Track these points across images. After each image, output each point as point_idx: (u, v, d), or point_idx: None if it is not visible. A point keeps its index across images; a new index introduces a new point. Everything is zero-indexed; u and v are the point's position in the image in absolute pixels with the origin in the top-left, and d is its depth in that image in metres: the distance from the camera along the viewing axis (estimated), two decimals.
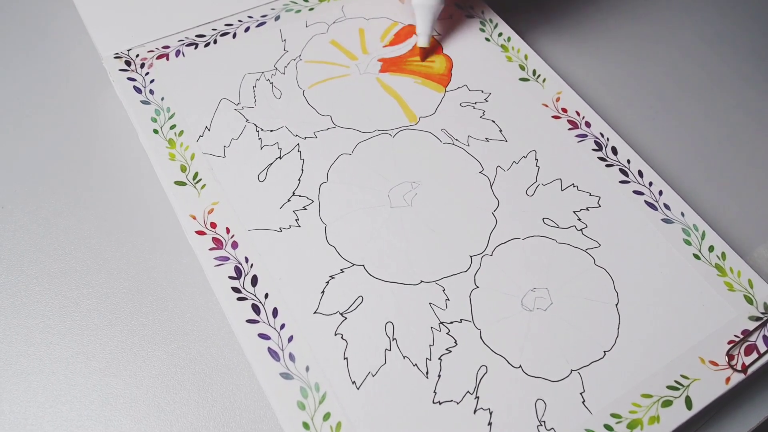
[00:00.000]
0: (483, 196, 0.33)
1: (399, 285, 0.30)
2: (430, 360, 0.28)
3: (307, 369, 0.27)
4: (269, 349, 0.27)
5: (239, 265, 0.30)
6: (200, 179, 0.32)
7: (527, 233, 0.31)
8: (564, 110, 0.36)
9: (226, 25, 0.38)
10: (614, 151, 0.35)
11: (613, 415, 0.27)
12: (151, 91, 0.35)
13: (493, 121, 0.35)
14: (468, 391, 0.27)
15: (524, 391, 0.27)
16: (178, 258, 0.33)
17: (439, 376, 0.27)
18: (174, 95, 0.35)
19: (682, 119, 0.40)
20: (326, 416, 0.26)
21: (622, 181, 0.33)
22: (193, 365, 0.30)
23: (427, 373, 0.27)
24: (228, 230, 0.31)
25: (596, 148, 0.35)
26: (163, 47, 0.37)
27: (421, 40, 0.37)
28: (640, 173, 0.34)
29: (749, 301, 0.30)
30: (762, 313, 0.29)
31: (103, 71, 0.36)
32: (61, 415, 0.29)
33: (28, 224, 0.34)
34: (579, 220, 0.32)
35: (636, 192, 0.33)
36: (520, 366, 0.28)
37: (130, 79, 0.35)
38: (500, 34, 0.40)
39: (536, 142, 0.35)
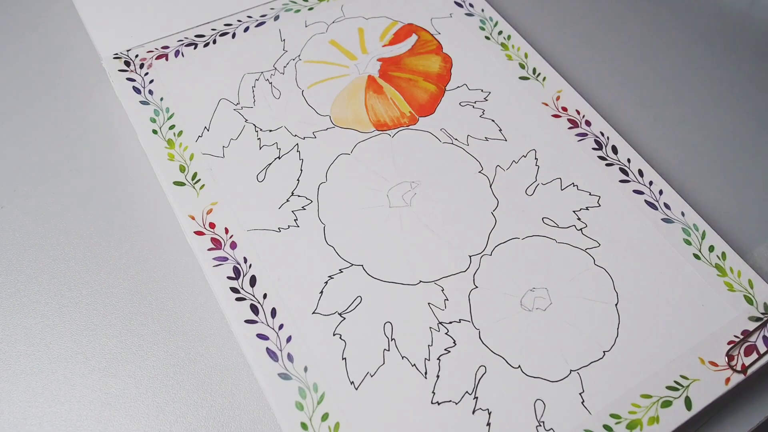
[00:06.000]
0: (482, 195, 0.32)
1: (398, 285, 0.29)
2: (429, 360, 0.28)
3: (306, 369, 0.27)
4: (268, 349, 0.27)
5: (238, 266, 0.29)
6: (199, 179, 0.32)
7: (527, 233, 0.31)
8: (564, 109, 0.36)
9: (226, 25, 0.38)
10: (614, 150, 0.34)
11: (613, 416, 0.27)
12: (151, 92, 0.35)
13: (493, 120, 0.35)
14: (467, 392, 0.27)
15: (523, 391, 0.27)
16: (177, 258, 0.33)
17: (438, 376, 0.27)
18: (173, 95, 0.35)
19: (682, 118, 0.40)
20: (324, 416, 0.26)
21: (622, 181, 0.33)
22: (191, 365, 0.30)
23: (425, 373, 0.27)
24: (227, 230, 0.31)
25: (596, 147, 0.35)
26: (163, 47, 0.37)
27: None
28: (641, 172, 0.34)
29: (749, 301, 0.30)
30: (762, 314, 0.29)
31: (103, 71, 0.37)
32: (60, 415, 0.29)
33: (28, 224, 0.34)
34: (579, 219, 0.32)
35: (636, 191, 0.33)
36: (519, 366, 0.28)
37: (129, 79, 0.35)
38: (500, 33, 0.40)
39: (536, 141, 0.35)
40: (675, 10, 0.46)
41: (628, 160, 0.34)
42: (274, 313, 0.28)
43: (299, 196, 0.32)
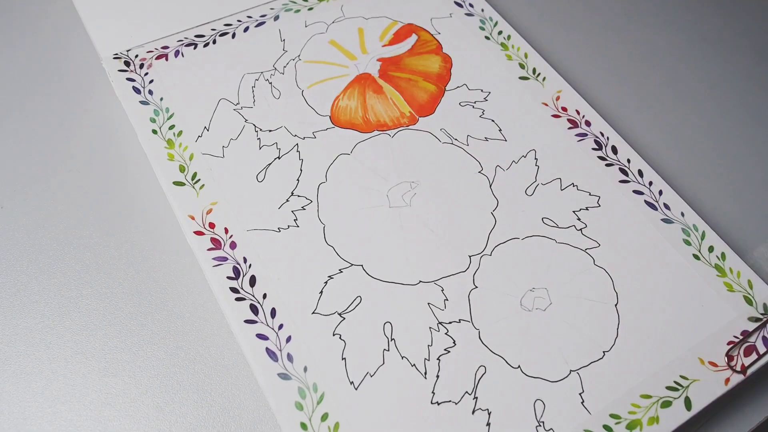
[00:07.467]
0: (482, 195, 0.33)
1: (397, 285, 0.30)
2: (429, 360, 0.28)
3: (305, 369, 0.27)
4: (267, 349, 0.27)
5: (237, 266, 0.30)
6: (199, 179, 0.32)
7: (526, 233, 0.31)
8: (564, 109, 0.36)
9: (226, 25, 0.38)
10: (614, 150, 0.34)
11: (612, 416, 0.27)
12: (150, 92, 0.35)
13: (493, 121, 0.35)
14: (466, 392, 0.27)
15: (523, 391, 0.27)
16: (177, 258, 0.33)
17: (438, 376, 0.27)
18: (173, 95, 0.35)
19: (682, 118, 0.40)
20: (324, 416, 0.26)
21: (621, 181, 0.33)
22: (191, 365, 0.30)
23: (425, 373, 0.27)
24: (226, 230, 0.31)
25: (596, 147, 0.35)
26: (163, 47, 0.37)
27: None
28: (640, 173, 0.34)
29: (749, 301, 0.30)
30: (761, 314, 0.29)
31: (103, 72, 0.37)
32: (60, 415, 0.29)
33: (28, 224, 0.34)
34: (578, 219, 0.32)
35: (636, 191, 0.33)
36: (519, 366, 0.28)
37: (129, 79, 0.35)
38: (500, 33, 0.40)
39: (536, 141, 0.35)
40: (675, 10, 0.46)
41: (628, 161, 0.34)
42: (273, 313, 0.28)
43: (299, 196, 0.32)
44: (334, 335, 0.28)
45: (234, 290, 0.29)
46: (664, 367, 0.28)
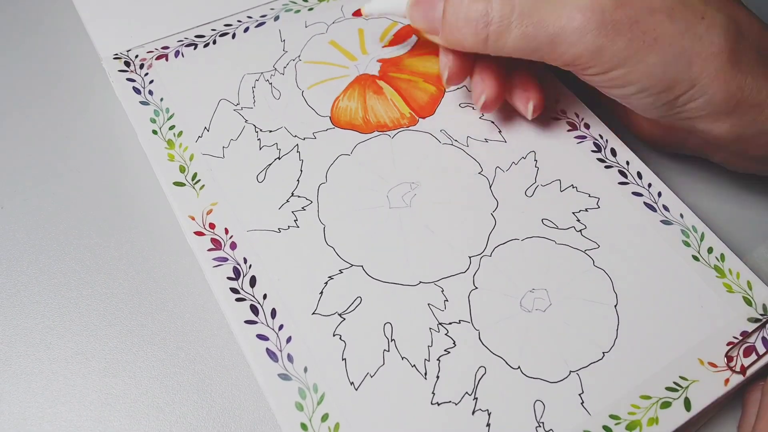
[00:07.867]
0: (482, 196, 0.33)
1: (397, 286, 0.30)
2: (429, 361, 0.28)
3: (306, 370, 0.27)
4: (267, 349, 0.27)
5: (238, 266, 0.30)
6: (199, 180, 0.32)
7: (526, 234, 0.31)
8: (563, 112, 0.36)
9: (226, 25, 0.38)
10: (613, 152, 0.35)
11: (612, 417, 0.27)
12: (150, 92, 0.35)
13: (492, 122, 0.35)
14: (466, 392, 0.27)
15: (523, 392, 0.27)
16: (177, 258, 0.33)
17: (438, 377, 0.27)
18: (173, 96, 0.35)
19: None
20: (324, 417, 0.26)
21: (621, 183, 0.33)
22: (191, 366, 0.30)
23: (425, 374, 0.27)
24: (227, 231, 0.31)
25: (595, 149, 0.35)
26: (163, 48, 0.37)
27: (367, 7, 0.36)
28: (639, 174, 0.34)
29: (748, 302, 0.30)
30: (761, 315, 0.29)
31: (103, 72, 0.36)
32: (60, 416, 0.29)
33: (28, 224, 0.34)
34: (578, 221, 0.32)
35: (635, 193, 0.33)
36: (519, 367, 0.28)
37: (129, 79, 0.35)
38: None
39: (535, 143, 0.35)
40: None
41: (627, 163, 0.34)
42: (274, 313, 0.28)
43: (299, 196, 0.32)
44: (334, 336, 0.28)
45: (234, 291, 0.29)
46: (663, 367, 0.28)
